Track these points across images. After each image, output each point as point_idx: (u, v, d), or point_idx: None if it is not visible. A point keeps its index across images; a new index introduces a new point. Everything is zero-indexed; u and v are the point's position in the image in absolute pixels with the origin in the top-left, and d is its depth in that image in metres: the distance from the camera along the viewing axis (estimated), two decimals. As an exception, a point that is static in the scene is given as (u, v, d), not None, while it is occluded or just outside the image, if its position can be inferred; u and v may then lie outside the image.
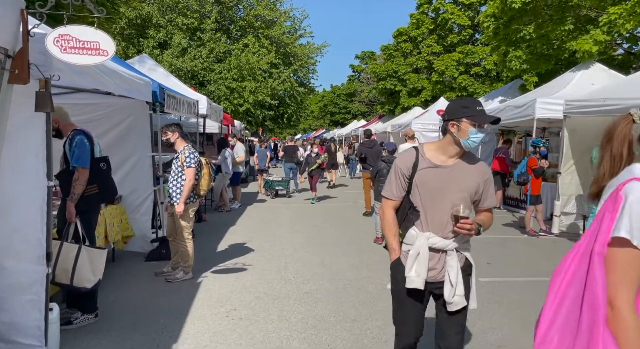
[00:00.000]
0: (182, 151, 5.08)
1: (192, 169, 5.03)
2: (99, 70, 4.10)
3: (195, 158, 5.09)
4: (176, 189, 5.05)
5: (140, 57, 9.88)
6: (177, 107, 6.99)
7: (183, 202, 4.99)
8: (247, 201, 11.79)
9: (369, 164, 9.55)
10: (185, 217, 5.11)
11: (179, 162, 5.08)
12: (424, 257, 2.33)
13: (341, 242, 7.14)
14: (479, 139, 2.30)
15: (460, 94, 18.75)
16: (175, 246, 5.28)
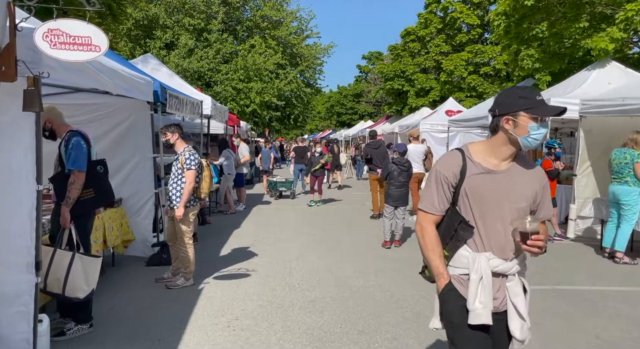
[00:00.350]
0: (182, 153, 4.90)
1: (193, 172, 4.84)
2: (95, 68, 3.92)
3: (196, 160, 4.90)
4: (176, 193, 4.87)
5: (144, 56, 9.73)
6: (180, 108, 6.81)
7: (183, 206, 4.80)
8: (252, 202, 11.61)
9: (375, 165, 9.27)
10: (186, 222, 4.92)
11: (179, 164, 4.90)
12: (488, 283, 1.91)
13: (348, 247, 6.92)
14: (541, 136, 1.90)
15: (469, 94, 18.46)
16: (175, 251, 5.09)
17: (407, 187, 7.23)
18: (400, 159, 7.37)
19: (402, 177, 7.06)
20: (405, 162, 7.27)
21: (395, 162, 7.24)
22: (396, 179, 7.05)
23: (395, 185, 7.07)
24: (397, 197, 6.99)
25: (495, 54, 17.66)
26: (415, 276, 5.43)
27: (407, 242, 7.23)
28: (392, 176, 7.14)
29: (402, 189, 7.06)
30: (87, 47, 2.93)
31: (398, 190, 7.04)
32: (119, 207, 5.62)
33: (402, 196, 7.06)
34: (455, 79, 18.72)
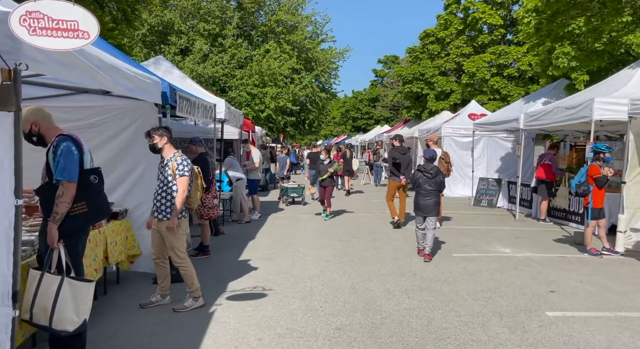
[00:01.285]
0: (173, 158, 4.40)
1: (186, 178, 4.35)
2: (92, 63, 3.44)
3: (189, 166, 4.41)
4: (165, 202, 4.38)
5: (156, 58, 9.34)
6: (191, 111, 6.33)
7: (176, 217, 4.31)
8: (267, 210, 11.09)
9: (400, 172, 8.78)
10: (178, 235, 4.43)
11: (168, 170, 4.40)
12: None
13: (373, 262, 6.32)
14: None
15: (493, 96, 17.72)
16: (161, 270, 4.58)
17: (436, 196, 6.68)
18: (426, 165, 6.82)
19: (429, 185, 6.55)
20: (431, 168, 6.70)
21: (421, 169, 6.77)
22: (422, 188, 6.58)
23: (421, 194, 6.60)
24: (423, 206, 6.53)
25: (520, 55, 16.91)
26: (454, 299, 4.87)
27: (439, 255, 6.59)
28: (418, 184, 6.68)
29: (429, 198, 6.54)
30: (73, 33, 2.43)
31: (424, 199, 6.56)
32: (124, 219, 5.13)
33: (430, 205, 6.54)
34: (477, 81, 17.99)
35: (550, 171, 9.33)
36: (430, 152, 7.18)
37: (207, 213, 6.48)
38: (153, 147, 4.41)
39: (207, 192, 6.48)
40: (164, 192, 4.39)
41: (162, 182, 4.40)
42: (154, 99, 5.07)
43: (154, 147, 4.41)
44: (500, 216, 10.70)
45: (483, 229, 8.85)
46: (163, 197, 4.38)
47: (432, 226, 6.59)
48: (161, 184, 4.40)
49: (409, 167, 8.83)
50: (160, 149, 4.42)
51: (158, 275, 4.60)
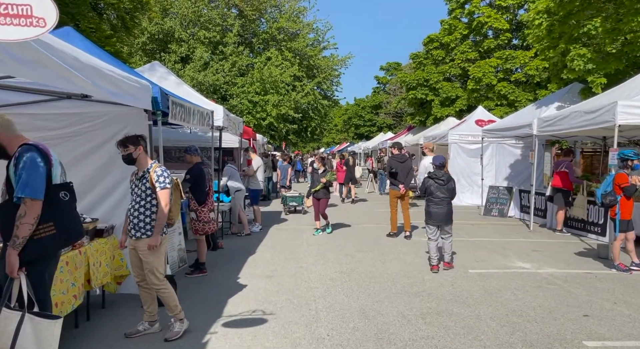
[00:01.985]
0: (151, 169, 3.95)
1: (168, 191, 3.94)
2: (65, 63, 3.00)
3: (169, 177, 3.98)
4: (144, 218, 3.94)
5: (151, 64, 8.94)
6: (186, 118, 5.88)
7: (159, 234, 3.87)
8: (269, 221, 10.62)
9: (399, 181, 8.46)
10: (159, 254, 3.98)
11: (147, 183, 3.95)
12: None
13: (383, 279, 5.82)
14: None
15: (500, 102, 17.28)
16: (147, 293, 4.11)
17: (449, 204, 6.32)
18: (437, 172, 6.47)
19: (441, 192, 6.23)
20: (442, 175, 6.37)
21: (432, 176, 6.43)
22: (434, 195, 6.25)
23: (434, 201, 6.27)
24: (437, 215, 6.22)
25: (527, 60, 16.48)
26: (477, 325, 4.28)
27: (454, 272, 6.09)
28: (430, 192, 6.33)
29: (442, 206, 6.22)
30: (26, 20, 1.99)
31: (437, 207, 6.24)
32: (110, 237, 4.67)
33: (444, 214, 6.21)
34: (483, 86, 17.56)
35: (567, 179, 8.84)
36: (439, 159, 6.79)
37: (202, 228, 6.01)
38: (128, 158, 3.96)
39: (203, 205, 6.03)
40: (142, 207, 3.94)
41: (139, 197, 3.96)
42: (143, 105, 4.64)
43: (129, 158, 3.96)
44: (514, 226, 10.19)
45: (497, 241, 8.35)
46: (141, 213, 3.94)
47: (449, 235, 6.30)
48: (138, 199, 3.96)
49: (409, 175, 8.53)
50: (136, 160, 3.97)
51: (143, 300, 4.14)
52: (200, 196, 6.01)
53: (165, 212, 3.93)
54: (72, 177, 4.97)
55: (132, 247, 4.03)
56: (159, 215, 3.93)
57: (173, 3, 25.40)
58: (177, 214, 4.35)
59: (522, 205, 11.31)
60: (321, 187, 8.98)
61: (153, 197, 3.98)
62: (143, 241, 3.94)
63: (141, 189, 3.99)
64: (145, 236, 3.94)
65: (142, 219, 3.95)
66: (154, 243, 3.90)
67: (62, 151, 4.93)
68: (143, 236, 3.94)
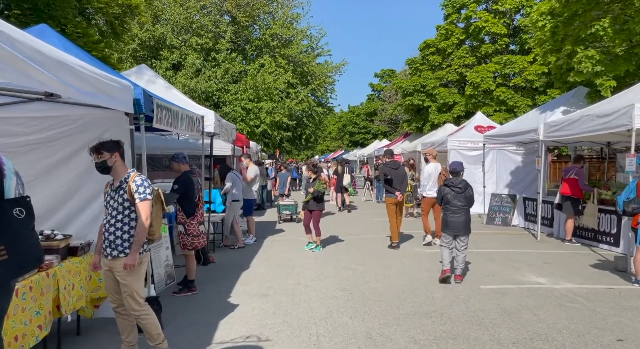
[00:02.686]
0: (129, 179, 3.49)
1: (149, 203, 3.49)
2: (23, 55, 2.54)
3: (150, 187, 3.52)
4: (121, 235, 3.47)
5: (138, 68, 8.48)
6: (173, 122, 5.41)
7: (138, 251, 3.39)
8: (264, 232, 10.11)
9: (394, 188, 8.22)
10: (138, 274, 3.50)
11: (124, 194, 3.49)
12: None
13: (389, 297, 5.35)
14: None
15: (499, 108, 16.97)
16: (125, 321, 3.63)
17: (468, 212, 6.04)
18: (453, 179, 6.13)
19: (459, 200, 5.96)
20: (459, 183, 6.04)
21: (448, 184, 6.10)
22: (451, 204, 5.96)
23: (451, 210, 5.99)
24: (454, 224, 5.96)
25: (526, 64, 16.21)
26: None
27: (465, 287, 5.63)
28: (446, 200, 6.03)
29: (460, 215, 5.96)
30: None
31: (455, 216, 5.96)
32: (86, 255, 4.17)
33: (462, 224, 5.96)
34: (480, 92, 17.25)
35: (577, 186, 8.45)
36: (455, 165, 6.38)
37: (191, 242, 5.51)
38: (102, 166, 3.49)
39: (192, 218, 5.53)
40: (118, 222, 3.46)
41: (116, 210, 3.48)
42: (124, 107, 4.16)
43: (103, 166, 3.50)
44: (519, 236, 9.77)
45: (505, 252, 7.91)
46: (118, 229, 3.46)
47: (464, 246, 6.02)
48: (114, 213, 3.48)
49: (404, 182, 8.38)
50: (111, 168, 3.50)
51: (121, 328, 3.64)
52: (189, 208, 5.52)
53: (145, 226, 3.45)
54: (44, 188, 4.49)
55: (107, 269, 3.54)
56: (139, 230, 3.45)
57: (164, 9, 25.02)
58: (159, 229, 3.86)
59: (526, 213, 10.91)
60: (310, 198, 7.99)
61: (132, 210, 3.50)
62: (120, 261, 3.45)
63: (118, 201, 3.51)
64: (122, 255, 3.46)
65: (119, 236, 3.47)
66: (131, 262, 3.41)
67: (34, 159, 4.47)
68: (120, 255, 3.46)
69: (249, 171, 9.25)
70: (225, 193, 8.45)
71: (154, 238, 3.80)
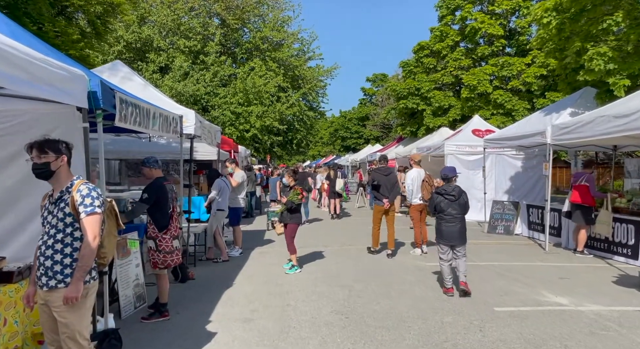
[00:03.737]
0: (72, 188, 2.81)
1: (98, 218, 2.77)
2: None
3: (100, 198, 2.81)
4: (61, 259, 2.76)
5: (113, 63, 7.75)
6: (142, 121, 4.69)
7: (81, 280, 2.68)
8: (251, 243, 9.36)
9: (382, 194, 7.91)
10: (82, 310, 2.79)
11: (66, 208, 2.77)
12: None
13: (392, 322, 4.64)
14: None
15: (496, 111, 16.43)
16: None
17: (462, 221, 5.67)
18: (446, 186, 5.76)
19: (453, 208, 5.64)
20: (452, 190, 5.67)
21: (440, 192, 5.76)
22: (445, 212, 5.66)
23: (445, 219, 5.65)
24: (448, 234, 5.62)
25: (524, 66, 15.71)
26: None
27: (476, 308, 4.95)
28: (440, 209, 5.70)
29: (455, 224, 5.62)
30: None
31: (449, 225, 5.63)
32: (24, 281, 3.41)
33: (457, 233, 5.61)
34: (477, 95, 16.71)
35: (588, 193, 7.84)
36: (446, 171, 5.95)
37: (163, 260, 4.75)
38: (43, 169, 2.77)
39: (164, 232, 4.79)
40: (58, 243, 2.75)
41: (54, 228, 2.76)
42: (75, 101, 3.44)
43: (46, 170, 2.77)
44: (525, 246, 9.13)
45: (513, 266, 7.26)
46: (57, 251, 2.74)
47: (463, 254, 5.64)
48: (52, 231, 2.76)
49: (394, 189, 7.97)
50: (54, 174, 2.78)
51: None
52: (161, 220, 4.77)
53: (92, 247, 2.72)
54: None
55: (42, 303, 2.79)
56: (84, 253, 2.73)
57: (151, 11, 24.30)
58: (112, 250, 3.14)
59: (530, 222, 10.29)
60: (283, 210, 6.95)
61: (75, 228, 2.78)
62: (58, 293, 2.72)
63: (57, 216, 2.78)
64: (62, 285, 2.73)
65: (57, 261, 2.74)
66: (73, 295, 2.68)
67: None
68: (59, 286, 2.73)
69: (236, 175, 8.52)
70: (210, 203, 7.70)
71: (105, 263, 3.07)
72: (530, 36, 16.97)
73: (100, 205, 2.82)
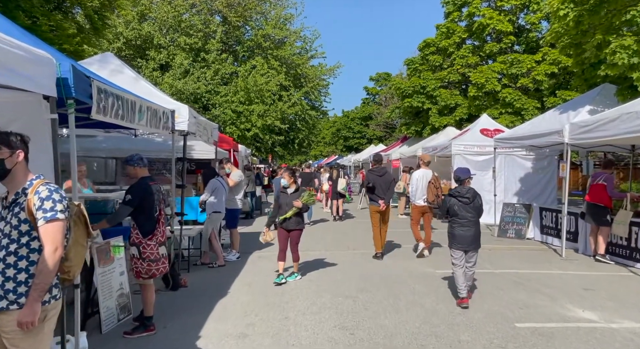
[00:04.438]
0: (30, 190, 2.35)
1: (60, 225, 2.31)
2: None
3: (63, 201, 2.36)
4: (14, 274, 2.31)
5: (103, 55, 7.30)
6: (125, 115, 4.21)
7: (38, 300, 2.24)
8: (249, 246, 8.86)
9: (377, 195, 7.70)
10: (39, 336, 2.33)
11: (21, 213, 2.34)
12: None
13: (404, 341, 4.16)
14: None
15: (504, 110, 15.91)
16: None
17: (477, 225, 5.36)
18: (460, 188, 5.37)
19: (467, 211, 5.29)
20: (466, 191, 5.31)
21: (454, 194, 5.37)
22: (459, 216, 5.30)
23: (459, 223, 5.31)
24: (463, 238, 5.27)
25: (534, 64, 15.17)
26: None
27: (495, 323, 4.45)
28: (453, 212, 5.35)
29: (469, 228, 5.27)
30: None
31: (463, 229, 5.27)
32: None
33: (471, 237, 5.27)
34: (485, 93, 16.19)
35: (604, 192, 7.34)
36: (460, 172, 5.53)
37: (147, 269, 4.27)
38: None
39: (149, 237, 4.31)
40: (10, 255, 2.30)
41: (7, 237, 2.32)
42: (40, 88, 2.97)
43: (1, 168, 2.31)
44: (540, 252, 8.63)
45: (530, 274, 6.76)
46: (10, 266, 2.30)
47: (473, 263, 5.36)
48: (5, 241, 2.34)
49: (389, 190, 7.77)
50: (9, 172, 2.32)
51: None
52: (146, 224, 4.29)
53: (52, 261, 2.27)
54: None
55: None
56: (42, 267, 2.27)
57: (151, 7, 23.89)
58: (79, 263, 2.66)
59: (543, 225, 9.78)
60: (294, 213, 6.18)
61: (32, 237, 2.32)
62: (11, 316, 2.26)
63: (11, 223, 2.32)
64: (15, 307, 2.27)
65: (10, 277, 2.28)
66: (27, 319, 2.22)
67: None
68: (11, 307, 2.27)
69: (233, 175, 8.05)
70: (203, 203, 7.23)
71: (70, 278, 2.60)
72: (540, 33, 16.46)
73: (64, 210, 2.35)
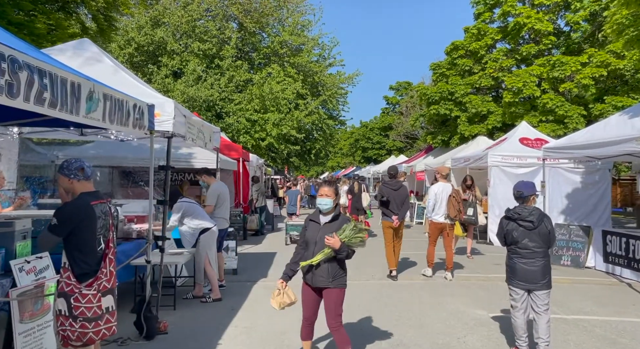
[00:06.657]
0: None
1: None
2: None
3: None
4: None
5: (80, 41, 6.07)
6: (59, 102, 2.87)
7: None
8: (255, 272, 7.45)
9: (391, 211, 7.22)
10: None
11: None
12: None
13: None
14: None
15: (545, 117, 14.27)
16: None
17: (545, 256, 4.07)
18: (520, 209, 4.13)
19: (531, 240, 4.04)
20: (529, 213, 4.06)
21: (512, 217, 4.13)
22: (519, 244, 4.08)
23: (519, 254, 4.08)
24: (525, 273, 4.03)
25: (580, 66, 13.56)
26: None
27: None
28: (512, 240, 4.13)
29: (533, 261, 4.01)
30: None
31: (525, 261, 4.04)
32: None
33: (537, 273, 4.00)
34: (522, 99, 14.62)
35: None
36: (522, 186, 4.23)
37: (81, 334, 2.83)
38: None
39: (87, 283, 2.89)
40: None
41: None
42: None
43: None
44: (610, 286, 7.00)
45: (616, 323, 5.17)
46: None
47: (545, 306, 4.02)
48: None
49: (404, 205, 7.35)
50: None
51: None
52: (81, 263, 2.87)
53: None
54: None
55: None
56: None
57: (164, 12, 23.12)
58: None
59: (607, 252, 8.14)
60: (326, 257, 3.45)
61: None
62: None
63: None
64: None
65: None
66: None
67: None
68: None
69: (209, 193, 6.51)
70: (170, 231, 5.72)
71: None
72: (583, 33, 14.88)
73: None
